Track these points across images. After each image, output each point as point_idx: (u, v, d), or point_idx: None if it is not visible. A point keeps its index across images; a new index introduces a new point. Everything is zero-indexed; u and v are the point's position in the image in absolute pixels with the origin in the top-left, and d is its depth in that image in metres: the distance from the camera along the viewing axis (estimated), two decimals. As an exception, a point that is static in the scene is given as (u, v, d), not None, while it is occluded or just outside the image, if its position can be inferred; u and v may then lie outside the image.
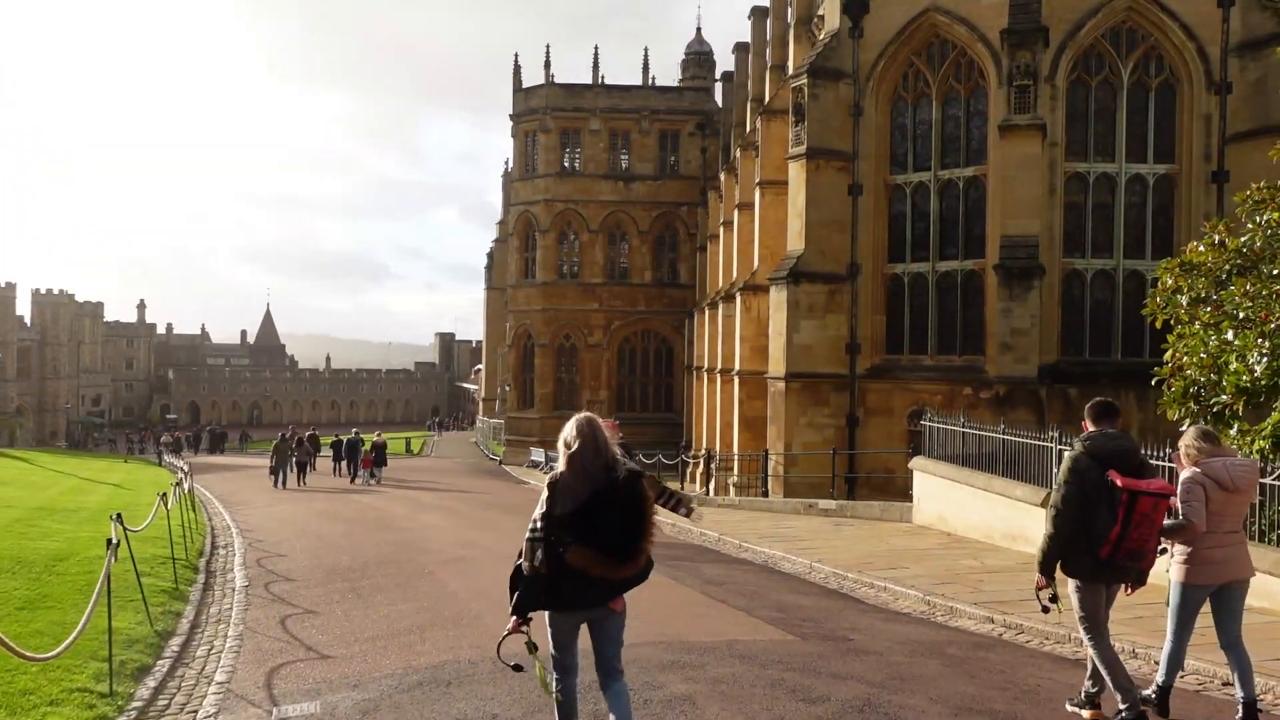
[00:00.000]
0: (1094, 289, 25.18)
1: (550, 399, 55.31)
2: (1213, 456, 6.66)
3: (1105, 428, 6.74)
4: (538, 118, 55.05)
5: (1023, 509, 15.97)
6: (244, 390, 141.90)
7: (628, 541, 5.36)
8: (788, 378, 26.65)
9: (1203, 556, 6.64)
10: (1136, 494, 6.29)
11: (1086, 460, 6.51)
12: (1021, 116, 23.53)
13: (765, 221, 32.06)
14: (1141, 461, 6.62)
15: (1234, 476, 6.60)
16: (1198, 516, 6.53)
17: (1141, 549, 6.42)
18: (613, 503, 5.35)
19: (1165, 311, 12.08)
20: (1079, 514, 6.48)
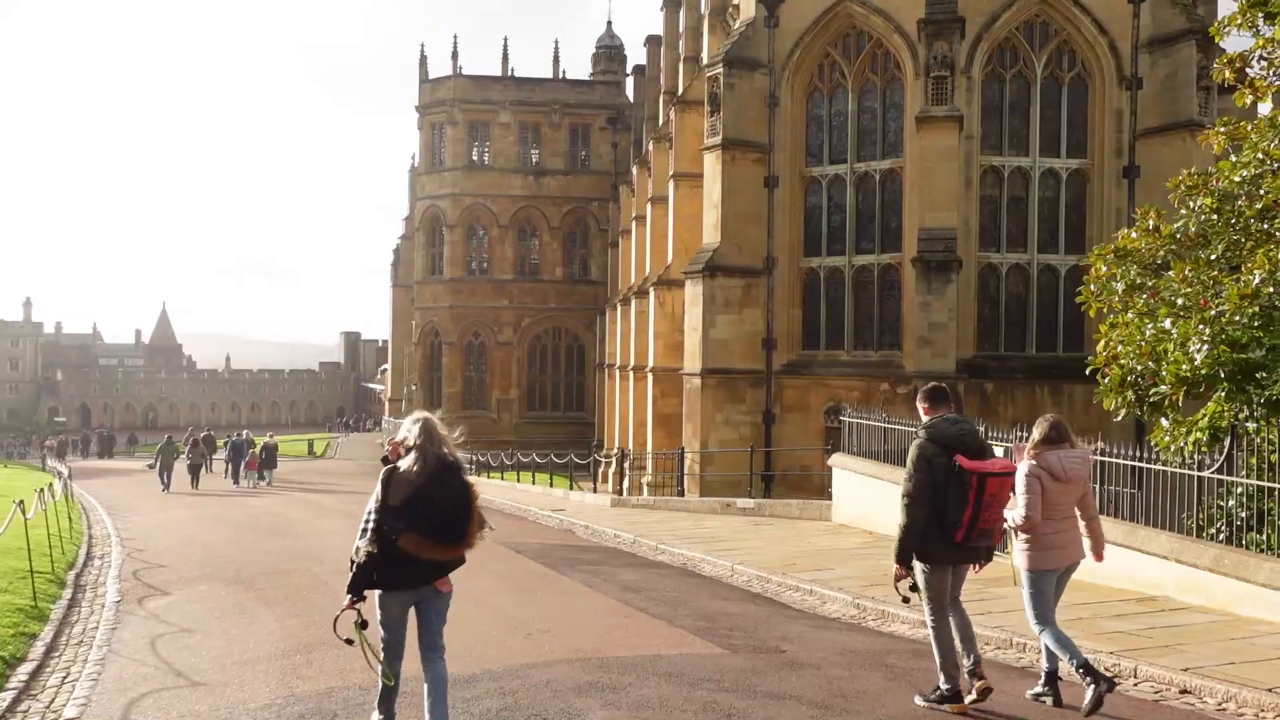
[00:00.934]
0: (1009, 283, 25.05)
1: (458, 398, 53.97)
2: (1049, 450, 6.92)
3: (944, 412, 6.89)
4: (445, 110, 53.67)
5: (948, 506, 15.50)
6: (139, 392, 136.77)
7: (455, 527, 5.93)
8: (704, 374, 26.01)
9: (1046, 542, 6.92)
10: (985, 476, 6.51)
11: (933, 447, 6.63)
12: (939, 108, 23.24)
13: (680, 215, 31.41)
14: (981, 443, 6.88)
15: (1066, 468, 6.88)
16: (1033, 509, 6.81)
17: (991, 528, 6.71)
18: (442, 493, 5.90)
19: (1100, 299, 11.64)
20: (931, 501, 6.59)
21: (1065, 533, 7.00)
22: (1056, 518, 6.93)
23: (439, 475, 5.97)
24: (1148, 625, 9.49)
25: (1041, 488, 6.86)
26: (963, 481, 6.52)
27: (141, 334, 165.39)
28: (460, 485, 6.07)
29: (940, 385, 7.18)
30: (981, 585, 12.12)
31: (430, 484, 5.92)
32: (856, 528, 18.33)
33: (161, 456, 32.45)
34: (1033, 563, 7.03)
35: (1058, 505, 6.93)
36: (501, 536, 18.69)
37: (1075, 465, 6.98)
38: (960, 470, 6.53)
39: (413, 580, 6.02)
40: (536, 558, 14.95)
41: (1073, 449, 7.09)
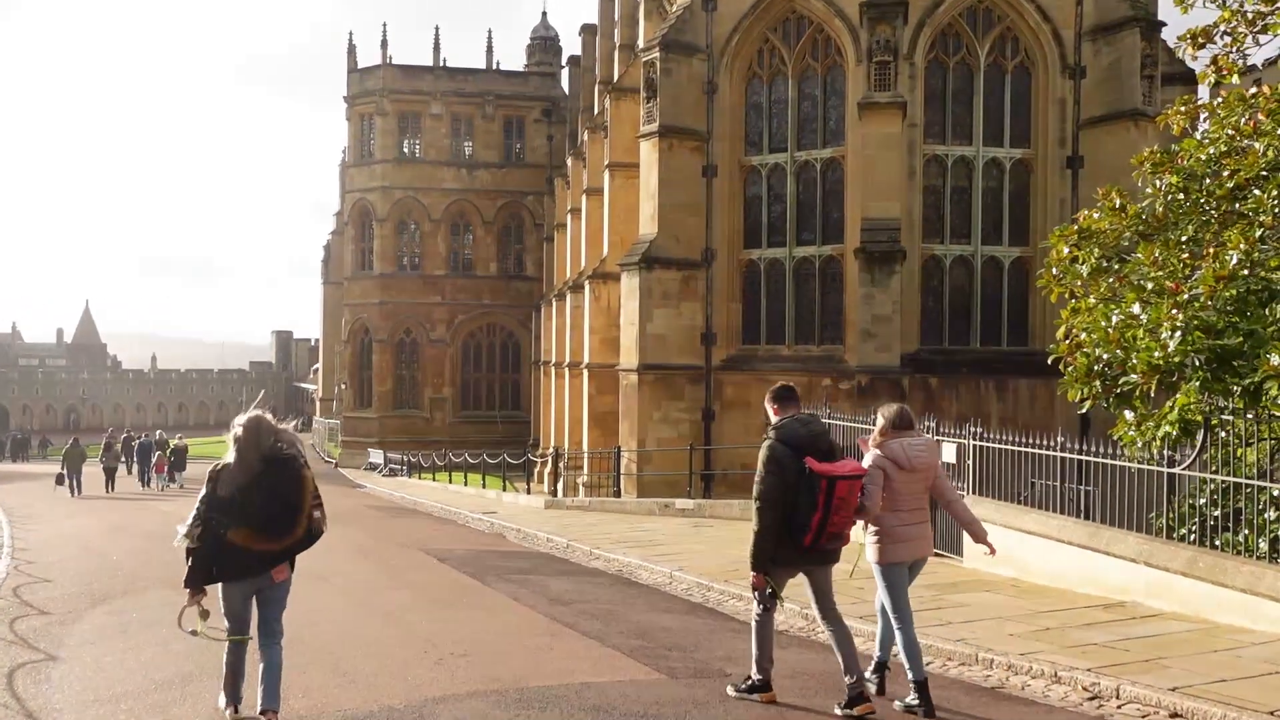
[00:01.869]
0: (953, 276, 24.44)
1: (389, 397, 52.47)
2: (895, 438, 6.81)
3: (792, 413, 6.76)
4: (374, 100, 52.09)
5: (897, 506, 14.74)
6: (59, 393, 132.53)
7: (282, 520, 6.19)
8: (640, 369, 25.06)
9: (895, 535, 6.78)
10: (835, 479, 6.32)
11: (783, 449, 6.48)
12: (882, 94, 22.54)
13: (615, 206, 30.42)
14: (831, 445, 6.71)
15: (910, 456, 6.76)
16: (872, 500, 6.67)
17: (841, 532, 6.54)
18: (268, 487, 6.15)
19: (1062, 283, 10.87)
20: (783, 504, 6.44)
21: (915, 525, 6.86)
22: (905, 509, 6.79)
23: (266, 470, 6.23)
24: (1121, 636, 8.72)
25: (886, 477, 6.72)
26: (812, 485, 6.34)
27: (64, 333, 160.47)
28: (290, 479, 6.30)
29: (788, 385, 7.08)
30: (939, 591, 11.34)
31: (256, 479, 6.20)
32: (800, 529, 17.53)
33: (67, 460, 30.75)
34: (882, 555, 6.87)
35: (905, 495, 6.77)
36: (426, 542, 17.59)
37: (920, 453, 6.84)
38: (810, 473, 6.34)
39: (248, 571, 6.27)
40: (461, 566, 13.88)
41: (918, 437, 6.99)
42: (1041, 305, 24.30)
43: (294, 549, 6.38)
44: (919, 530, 6.94)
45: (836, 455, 6.66)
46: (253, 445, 6.29)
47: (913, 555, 6.96)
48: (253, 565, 6.25)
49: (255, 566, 6.26)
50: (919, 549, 6.99)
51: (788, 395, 6.93)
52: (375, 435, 51.24)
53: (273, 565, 6.32)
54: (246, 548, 6.16)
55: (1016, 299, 24.55)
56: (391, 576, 13.00)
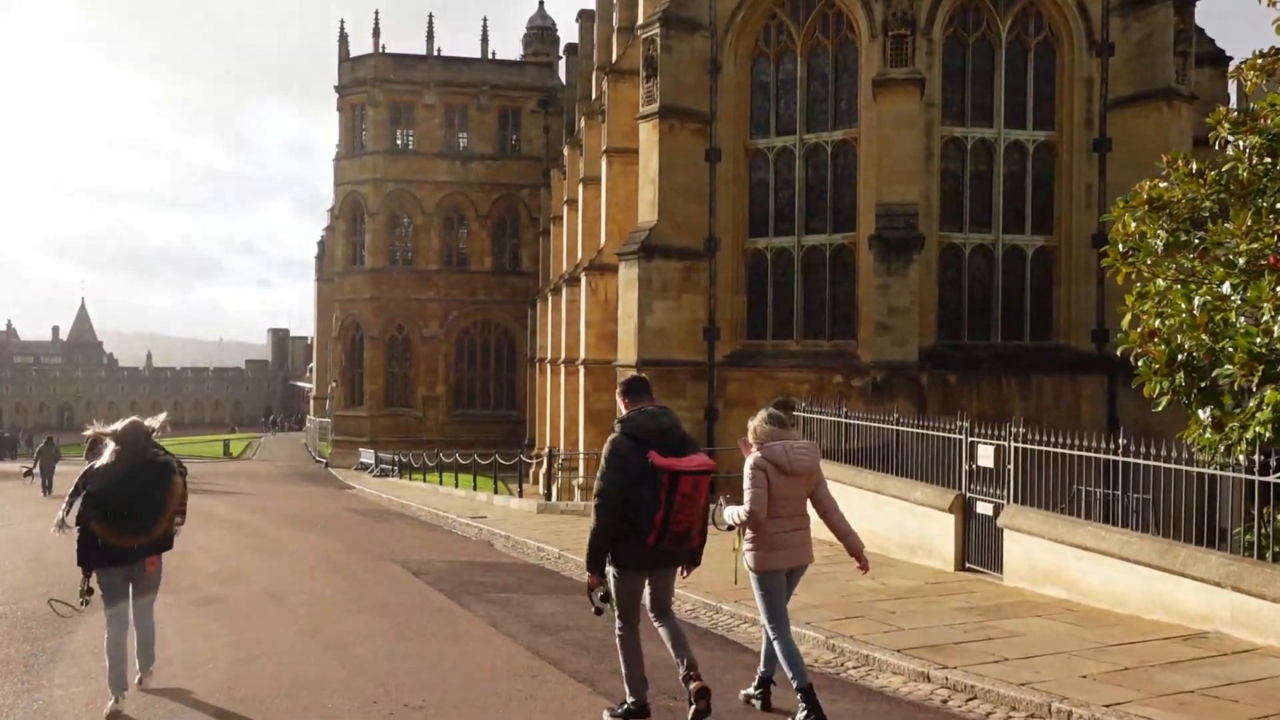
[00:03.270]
0: (972, 266, 22.92)
1: (381, 395, 50.93)
2: (776, 440, 6.55)
3: (643, 405, 6.42)
4: (366, 90, 50.57)
5: (925, 515, 13.26)
6: (54, 391, 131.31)
7: (140, 519, 6.78)
8: (639, 366, 23.51)
9: (773, 541, 6.54)
10: (677, 474, 6.03)
11: (627, 442, 6.17)
12: (899, 70, 21.03)
13: (613, 194, 28.90)
14: (683, 438, 6.37)
15: (792, 459, 6.53)
16: (758, 503, 6.43)
17: (687, 531, 6.16)
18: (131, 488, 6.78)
19: (1131, 262, 9.35)
20: (624, 500, 6.09)
21: (794, 532, 6.63)
22: (784, 514, 6.55)
23: (131, 473, 6.80)
24: (1220, 680, 7.22)
25: (768, 481, 6.45)
26: (656, 480, 6.01)
27: (60, 331, 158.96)
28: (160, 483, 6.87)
29: (641, 377, 6.82)
30: (983, 615, 9.85)
31: (120, 480, 6.74)
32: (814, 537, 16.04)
33: (40, 459, 29.31)
34: (759, 562, 6.60)
35: (785, 500, 6.54)
36: (405, 552, 16.08)
37: (802, 456, 6.60)
38: (653, 468, 6.01)
39: (120, 559, 6.79)
40: (438, 582, 12.37)
41: (799, 439, 6.76)
42: (1066, 298, 22.85)
43: (150, 548, 6.91)
44: (798, 537, 6.66)
45: (689, 449, 6.27)
46: (127, 449, 6.91)
47: (791, 563, 6.66)
48: (125, 555, 6.80)
49: (128, 555, 6.81)
50: (798, 556, 6.69)
51: (638, 387, 6.57)
52: (366, 434, 49.73)
53: (142, 556, 6.88)
54: (107, 541, 6.71)
55: (1040, 291, 23.04)
56: (356, 596, 11.49)
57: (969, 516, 12.63)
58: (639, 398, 6.50)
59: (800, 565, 6.78)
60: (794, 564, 6.71)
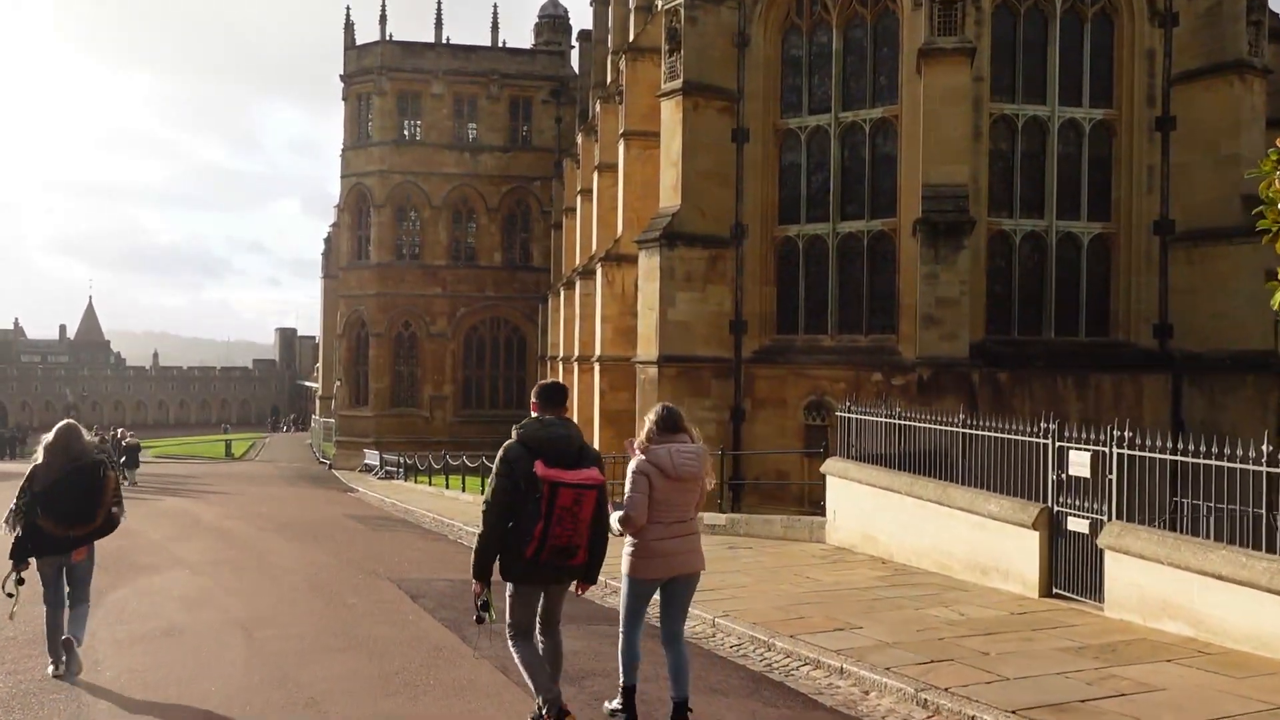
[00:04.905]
0: (1023, 255, 21.11)
1: (387, 395, 49.22)
2: (662, 443, 6.37)
3: (548, 414, 6.23)
4: (372, 79, 48.87)
5: (1000, 531, 11.47)
6: (60, 390, 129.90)
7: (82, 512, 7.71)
8: (661, 362, 21.79)
9: (650, 549, 6.32)
10: (557, 486, 5.86)
11: (518, 449, 6.03)
12: (947, 39, 19.23)
13: (631, 181, 27.15)
14: (580, 450, 6.12)
15: (677, 464, 6.34)
16: (635, 508, 6.27)
17: (568, 545, 5.94)
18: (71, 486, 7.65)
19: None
20: (509, 509, 5.97)
21: (675, 539, 6.40)
22: (665, 520, 6.35)
23: (71, 472, 7.71)
24: None
25: (650, 485, 6.30)
26: (538, 490, 5.87)
27: (67, 329, 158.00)
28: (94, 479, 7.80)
29: (556, 383, 6.54)
30: (1098, 658, 8.02)
31: (61, 479, 7.66)
32: (862, 552, 14.30)
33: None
34: (633, 569, 6.42)
35: (668, 506, 6.35)
36: (404, 568, 14.32)
37: (687, 461, 6.41)
38: (536, 478, 5.88)
39: (56, 549, 7.74)
40: (439, 609, 10.62)
41: (687, 443, 6.51)
42: (1126, 289, 21.05)
43: (93, 535, 7.86)
44: (682, 544, 6.42)
45: (586, 461, 6.07)
46: (61, 449, 7.75)
47: (671, 571, 6.43)
48: (60, 545, 7.68)
49: (62, 546, 7.69)
50: (682, 564, 6.45)
51: (549, 394, 6.34)
52: (371, 435, 48.05)
53: (74, 547, 7.78)
54: (52, 533, 7.58)
55: (1096, 282, 21.23)
56: (342, 628, 9.75)
57: (1056, 534, 10.84)
58: (546, 406, 6.26)
59: (686, 574, 6.50)
60: (677, 572, 6.44)
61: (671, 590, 6.54)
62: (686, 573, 6.50)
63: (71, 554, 7.75)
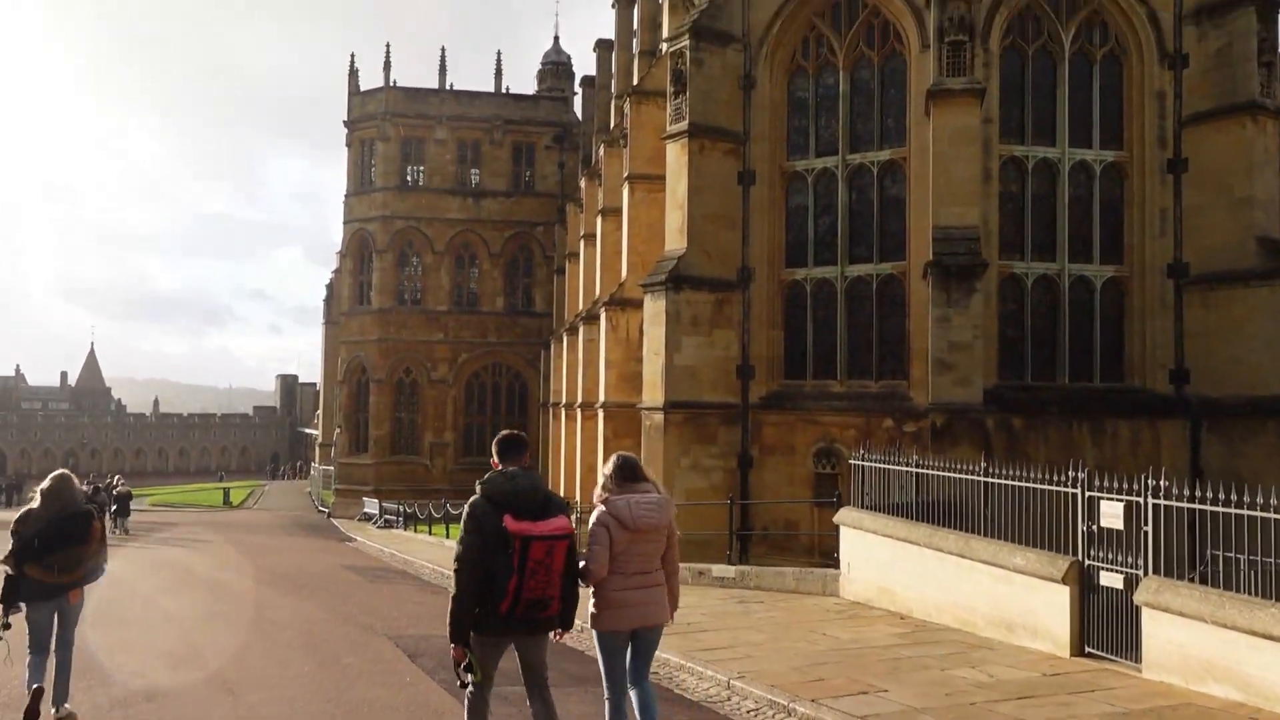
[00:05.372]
0: (1035, 298, 20.70)
1: (387, 442, 48.68)
2: (622, 494, 6.31)
3: (510, 465, 6.18)
4: (376, 124, 48.89)
5: (1028, 586, 10.95)
6: (60, 437, 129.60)
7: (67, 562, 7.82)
8: (667, 408, 21.31)
9: (612, 600, 6.28)
10: (529, 539, 5.80)
11: (484, 505, 5.96)
12: (956, 80, 18.94)
13: (635, 224, 26.84)
14: (546, 500, 6.08)
15: (636, 515, 6.26)
16: (595, 561, 6.21)
17: (541, 597, 5.90)
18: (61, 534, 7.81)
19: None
20: (482, 566, 5.85)
21: (639, 590, 6.31)
22: (628, 571, 6.28)
23: (60, 520, 7.87)
24: None
25: (610, 538, 6.23)
26: (509, 545, 5.74)
27: (68, 376, 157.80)
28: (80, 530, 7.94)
29: (515, 434, 6.43)
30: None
31: (51, 525, 7.82)
32: (879, 607, 13.74)
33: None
34: (597, 622, 6.36)
35: (629, 557, 6.28)
36: (401, 623, 13.77)
37: (648, 512, 6.31)
38: (506, 532, 5.76)
39: (48, 595, 7.84)
40: (438, 669, 10.07)
41: (648, 493, 6.41)
42: (1140, 333, 20.61)
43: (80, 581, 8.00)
44: (645, 595, 6.34)
45: (551, 512, 6.00)
46: (55, 497, 7.99)
47: (634, 623, 6.36)
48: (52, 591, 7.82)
49: (54, 591, 7.83)
50: (645, 616, 6.37)
51: (507, 446, 6.28)
52: (371, 483, 47.46)
53: (63, 592, 7.89)
54: (40, 579, 7.76)
55: (1110, 326, 20.80)
56: (335, 691, 9.21)
57: (1088, 589, 10.32)
58: (507, 456, 6.21)
59: (650, 625, 6.42)
60: (640, 624, 6.37)
61: (635, 642, 6.46)
62: (650, 624, 6.44)
63: (68, 596, 7.91)
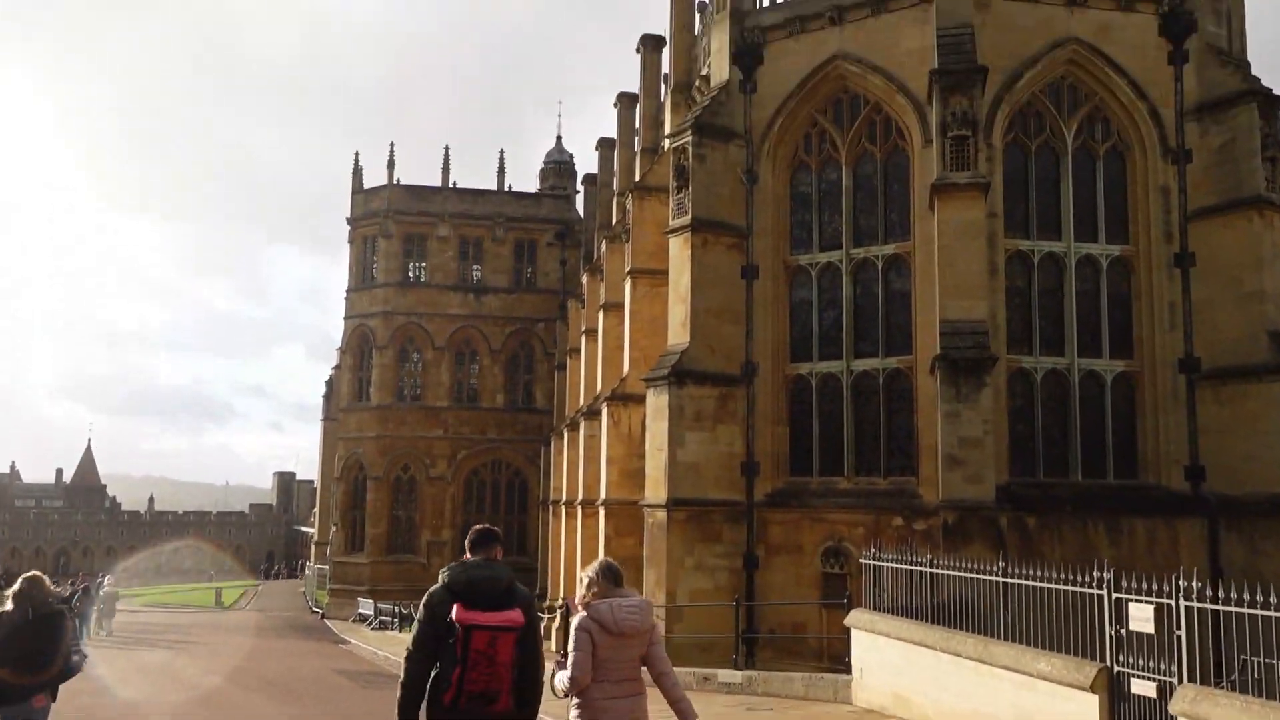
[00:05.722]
0: (1044, 393, 20.35)
1: (383, 540, 47.81)
2: (604, 597, 6.19)
3: (478, 555, 6.09)
4: (378, 221, 49.20)
5: (1052, 693, 10.36)
6: (51, 535, 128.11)
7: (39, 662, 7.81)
8: (670, 505, 20.79)
9: (595, 708, 6.10)
10: (470, 629, 5.65)
11: (440, 593, 5.89)
12: (961, 174, 18.88)
13: (638, 319, 26.64)
14: (507, 592, 5.88)
15: (619, 619, 6.12)
16: (578, 668, 6.02)
17: (486, 690, 5.66)
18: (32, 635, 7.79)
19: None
20: (431, 656, 5.77)
21: (622, 699, 6.12)
22: (611, 679, 6.10)
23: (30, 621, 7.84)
24: None
25: (593, 643, 6.05)
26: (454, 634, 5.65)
27: (64, 473, 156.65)
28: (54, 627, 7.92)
29: (488, 527, 6.35)
30: None
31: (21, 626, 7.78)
32: (893, 715, 13.11)
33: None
34: None
35: (611, 664, 6.10)
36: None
37: (629, 616, 6.14)
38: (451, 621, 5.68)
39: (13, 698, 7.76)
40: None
41: (629, 597, 6.26)
42: (1153, 429, 20.20)
43: (51, 682, 7.99)
44: (631, 704, 6.19)
45: (513, 603, 5.83)
46: (27, 598, 7.97)
47: None
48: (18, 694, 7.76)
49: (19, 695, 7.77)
50: None
51: (480, 539, 6.22)
52: (366, 583, 46.46)
53: (33, 695, 7.87)
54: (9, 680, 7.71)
55: (1122, 422, 20.42)
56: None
57: (1118, 697, 9.74)
58: (477, 550, 6.13)
59: None
60: None
61: None
62: None
63: (32, 701, 7.82)
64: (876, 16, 21.26)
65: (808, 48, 21.96)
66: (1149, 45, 20.91)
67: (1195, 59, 20.76)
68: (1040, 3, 20.74)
